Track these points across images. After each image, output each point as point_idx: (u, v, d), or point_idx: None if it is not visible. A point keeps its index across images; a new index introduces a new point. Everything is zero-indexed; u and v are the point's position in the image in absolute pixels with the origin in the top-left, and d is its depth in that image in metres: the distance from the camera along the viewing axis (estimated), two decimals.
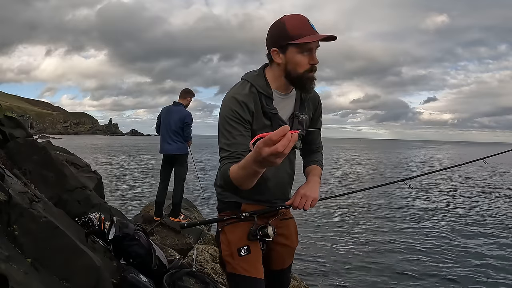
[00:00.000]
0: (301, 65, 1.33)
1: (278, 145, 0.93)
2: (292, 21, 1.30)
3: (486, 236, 6.90)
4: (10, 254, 1.42)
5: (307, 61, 1.32)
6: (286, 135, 0.93)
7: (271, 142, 0.93)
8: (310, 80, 1.36)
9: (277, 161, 0.97)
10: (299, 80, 1.36)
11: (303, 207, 1.40)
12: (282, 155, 0.95)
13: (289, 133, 0.93)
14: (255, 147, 0.99)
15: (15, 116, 3.10)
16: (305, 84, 1.37)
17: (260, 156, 0.97)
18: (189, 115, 4.72)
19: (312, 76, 1.35)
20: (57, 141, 31.49)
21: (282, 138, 0.92)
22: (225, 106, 1.37)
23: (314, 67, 1.34)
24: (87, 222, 2.36)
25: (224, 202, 1.55)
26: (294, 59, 1.33)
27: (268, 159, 0.97)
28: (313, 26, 1.29)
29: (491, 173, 19.21)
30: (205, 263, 3.37)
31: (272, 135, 0.93)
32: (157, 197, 4.87)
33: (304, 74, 1.34)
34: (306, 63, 1.32)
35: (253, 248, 1.46)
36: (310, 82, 1.37)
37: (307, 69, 1.33)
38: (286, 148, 0.93)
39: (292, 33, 1.28)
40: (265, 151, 0.95)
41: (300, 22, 1.29)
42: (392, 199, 10.60)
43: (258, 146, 0.97)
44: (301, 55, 1.32)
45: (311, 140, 1.64)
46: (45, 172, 2.75)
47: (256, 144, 0.98)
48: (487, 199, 11.44)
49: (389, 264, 5.25)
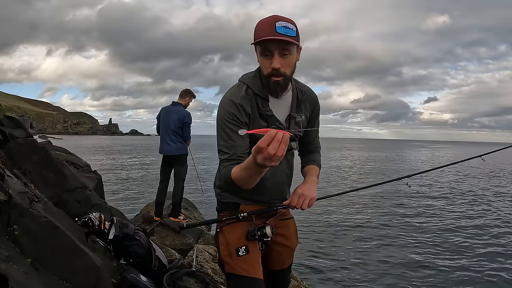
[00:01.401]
0: (264, 67, 1.32)
1: (269, 149, 0.97)
2: (259, 23, 1.28)
3: (486, 234, 6.91)
4: (10, 254, 1.42)
5: (268, 64, 1.29)
6: (275, 138, 0.97)
7: (261, 150, 0.98)
8: (274, 84, 1.33)
9: (274, 163, 1.01)
10: (265, 83, 1.35)
11: (301, 206, 1.41)
12: (276, 157, 0.99)
13: (278, 134, 0.97)
14: (251, 154, 1.04)
15: (15, 116, 3.11)
16: (270, 88, 1.35)
17: (256, 161, 1.03)
18: (188, 115, 4.73)
19: (276, 81, 1.31)
20: (58, 141, 31.50)
21: (271, 142, 0.96)
22: (222, 109, 1.38)
23: (278, 72, 1.29)
24: (87, 222, 2.36)
25: (223, 202, 1.56)
26: (259, 60, 1.33)
27: (264, 164, 1.02)
28: (278, 28, 1.22)
29: (489, 171, 19.21)
30: (205, 263, 3.37)
31: (260, 142, 0.98)
32: (157, 197, 4.88)
33: (268, 77, 1.32)
34: (268, 66, 1.30)
35: (251, 248, 1.47)
36: (275, 86, 1.33)
37: (270, 73, 1.30)
38: (278, 150, 0.97)
39: (255, 34, 1.28)
40: (258, 158, 1.01)
41: (265, 24, 1.25)
42: (391, 197, 10.60)
43: (252, 154, 1.04)
44: (263, 58, 1.30)
45: (308, 140, 1.64)
46: (45, 172, 2.76)
47: (252, 150, 1.04)
48: (486, 196, 11.45)
49: (389, 263, 5.25)
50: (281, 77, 1.31)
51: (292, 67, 1.34)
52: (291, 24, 1.26)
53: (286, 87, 1.40)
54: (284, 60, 1.28)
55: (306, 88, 1.54)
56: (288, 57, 1.29)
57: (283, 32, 1.23)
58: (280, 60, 1.28)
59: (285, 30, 1.24)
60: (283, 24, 1.24)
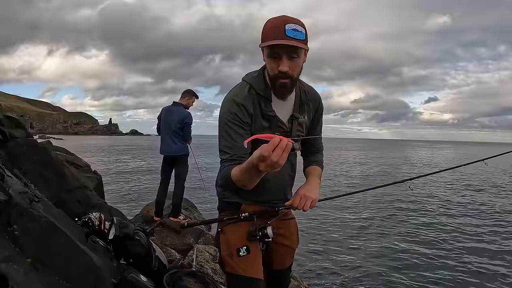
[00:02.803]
0: (271, 69, 1.31)
1: (272, 157, 0.97)
2: (268, 23, 1.27)
3: (488, 239, 6.90)
4: (10, 254, 1.42)
5: (276, 66, 1.28)
6: (278, 145, 0.97)
7: (264, 158, 0.98)
8: (281, 86, 1.31)
9: (276, 170, 1.02)
10: (272, 84, 1.34)
11: (303, 207, 1.40)
12: (279, 165, 0.99)
13: (282, 142, 0.97)
14: (253, 158, 1.04)
15: (15, 116, 3.11)
16: (276, 89, 1.34)
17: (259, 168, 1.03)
18: (189, 116, 4.73)
19: (282, 83, 1.30)
20: (58, 141, 31.50)
21: (274, 150, 0.97)
22: (224, 108, 1.37)
23: (285, 74, 1.27)
24: (87, 222, 2.36)
25: (225, 202, 1.56)
26: (266, 61, 1.32)
27: (266, 170, 1.02)
28: (288, 32, 1.20)
29: (492, 174, 19.22)
30: (205, 263, 3.37)
31: (263, 151, 0.98)
32: (157, 197, 4.88)
33: (274, 79, 1.31)
34: (275, 68, 1.28)
35: (252, 249, 1.47)
36: (281, 88, 1.32)
37: (276, 74, 1.29)
38: (281, 158, 0.98)
39: (263, 35, 1.27)
40: (261, 166, 1.01)
41: (274, 26, 1.23)
42: (392, 200, 10.58)
43: (254, 162, 1.04)
44: (271, 59, 1.28)
45: (311, 141, 1.63)
46: (45, 172, 2.76)
47: (253, 157, 1.04)
48: (488, 199, 11.44)
49: (390, 265, 5.24)
50: (288, 79, 1.30)
51: (299, 69, 1.32)
52: (301, 27, 1.24)
53: (292, 89, 1.38)
54: (292, 63, 1.27)
55: (309, 88, 1.53)
56: (296, 60, 1.27)
57: (292, 35, 1.21)
58: (288, 63, 1.26)
59: (295, 33, 1.21)
60: (293, 26, 1.21)
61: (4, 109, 2.93)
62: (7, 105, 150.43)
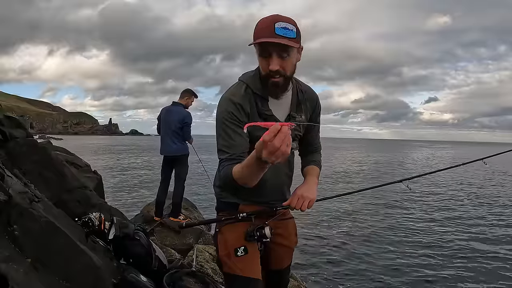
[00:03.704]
0: (262, 68, 1.32)
1: (274, 142, 0.94)
2: (259, 23, 1.26)
3: (487, 238, 6.91)
4: (10, 254, 1.43)
5: (267, 65, 1.28)
6: (281, 130, 0.94)
7: (266, 143, 0.96)
8: (273, 85, 1.32)
9: (279, 159, 0.99)
10: (264, 83, 1.34)
11: (301, 207, 1.40)
12: (281, 152, 0.97)
13: (284, 127, 0.95)
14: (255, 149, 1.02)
15: (15, 116, 3.11)
16: (268, 88, 1.34)
17: (261, 157, 1.00)
18: (188, 115, 4.73)
19: (274, 82, 1.30)
20: (58, 141, 31.49)
21: (275, 135, 0.94)
22: (221, 108, 1.37)
23: (276, 72, 1.27)
24: (87, 222, 2.36)
25: (223, 202, 1.56)
26: (258, 60, 1.32)
27: (269, 159, 0.99)
28: (277, 30, 1.20)
29: (491, 173, 19.21)
30: (205, 263, 3.37)
31: (264, 136, 0.95)
32: (158, 197, 4.89)
33: (266, 77, 1.31)
34: (266, 67, 1.28)
35: (250, 249, 1.47)
36: (273, 87, 1.32)
37: (267, 73, 1.29)
38: (283, 144, 0.95)
39: (254, 34, 1.26)
40: (263, 153, 0.98)
41: (264, 24, 1.23)
42: (391, 199, 10.58)
43: (256, 150, 1.01)
44: (262, 58, 1.29)
45: (309, 140, 1.63)
46: (45, 172, 2.76)
47: (256, 146, 1.02)
48: (488, 199, 11.44)
49: (390, 265, 5.25)
50: (280, 78, 1.30)
51: (291, 67, 1.32)
52: (291, 25, 1.24)
53: (286, 88, 1.38)
54: (283, 62, 1.27)
55: (306, 87, 1.53)
56: (287, 59, 1.27)
57: (282, 33, 1.21)
58: (279, 62, 1.26)
59: (284, 32, 1.21)
60: (283, 25, 1.21)
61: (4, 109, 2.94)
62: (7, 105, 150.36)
